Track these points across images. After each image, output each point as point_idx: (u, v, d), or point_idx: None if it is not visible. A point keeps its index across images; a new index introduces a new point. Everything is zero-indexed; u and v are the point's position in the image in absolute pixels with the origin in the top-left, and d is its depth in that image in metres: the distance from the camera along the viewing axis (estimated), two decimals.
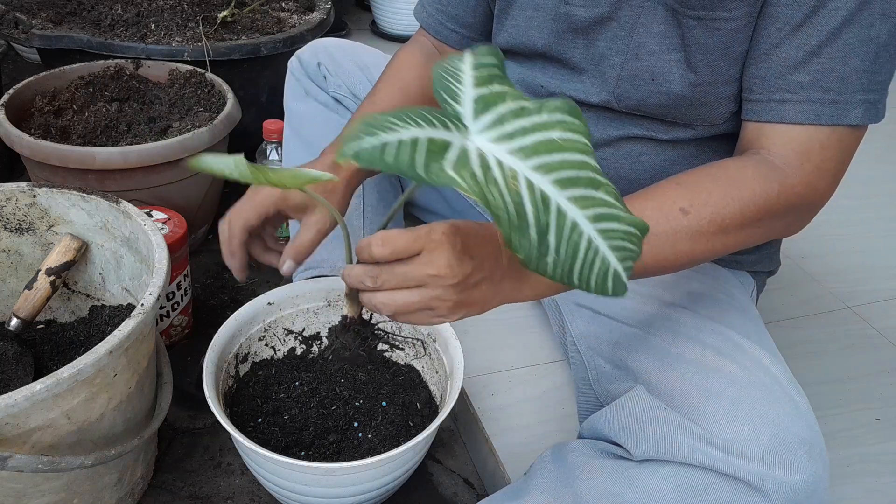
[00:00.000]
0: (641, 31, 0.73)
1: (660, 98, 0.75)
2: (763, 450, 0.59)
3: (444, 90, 0.48)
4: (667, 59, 0.73)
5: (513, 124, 0.48)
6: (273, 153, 1.23)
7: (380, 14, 2.29)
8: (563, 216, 0.46)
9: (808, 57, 0.67)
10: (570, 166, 0.48)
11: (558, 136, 0.49)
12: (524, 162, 0.46)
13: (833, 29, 0.65)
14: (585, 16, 0.76)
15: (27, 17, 1.36)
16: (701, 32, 0.70)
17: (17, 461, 0.64)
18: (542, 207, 0.45)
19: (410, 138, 0.44)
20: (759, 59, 0.70)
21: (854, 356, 1.11)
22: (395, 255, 0.56)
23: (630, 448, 0.67)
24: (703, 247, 0.66)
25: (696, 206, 0.65)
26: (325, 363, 0.91)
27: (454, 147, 0.45)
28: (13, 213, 0.92)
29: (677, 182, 0.67)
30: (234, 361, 0.86)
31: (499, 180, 0.45)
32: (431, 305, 0.58)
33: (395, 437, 0.83)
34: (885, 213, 1.53)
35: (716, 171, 0.68)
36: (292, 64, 1.11)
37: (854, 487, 0.89)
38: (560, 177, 0.47)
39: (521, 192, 0.45)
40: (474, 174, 0.44)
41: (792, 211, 0.69)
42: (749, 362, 0.68)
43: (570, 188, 0.47)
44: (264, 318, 0.90)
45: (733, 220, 0.66)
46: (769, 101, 0.69)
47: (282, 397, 0.87)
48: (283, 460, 0.70)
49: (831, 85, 0.66)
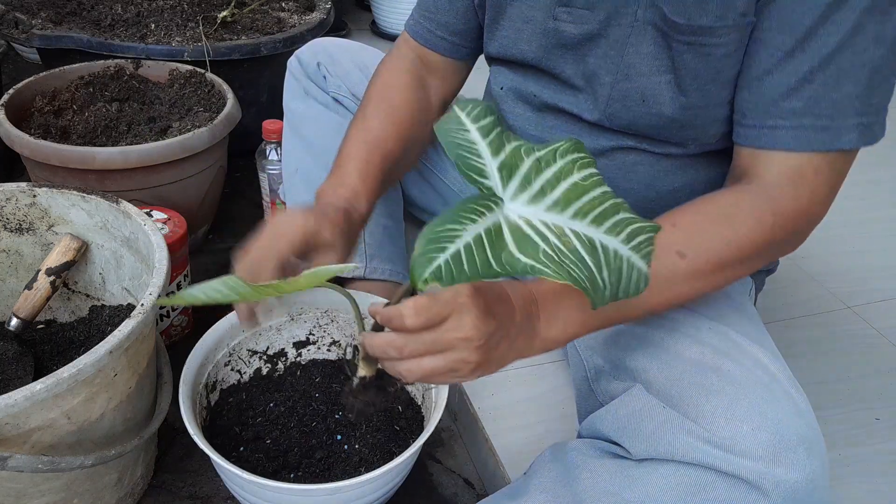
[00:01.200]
0: (631, 51, 0.73)
1: (651, 119, 0.75)
2: (762, 448, 0.59)
3: (470, 170, 0.51)
4: (657, 80, 0.73)
5: (539, 181, 0.51)
6: (273, 153, 1.23)
7: (380, 14, 2.29)
8: (606, 250, 0.50)
9: (800, 83, 0.66)
10: (597, 203, 0.51)
11: (578, 178, 0.52)
12: (562, 215, 0.50)
13: (826, 55, 0.65)
14: (574, 32, 0.76)
15: (27, 17, 1.36)
16: (691, 57, 0.70)
17: (17, 461, 0.64)
18: (591, 250, 0.49)
19: (473, 238, 0.46)
20: (751, 84, 0.69)
21: (854, 356, 1.11)
22: (427, 323, 0.57)
23: (629, 447, 0.67)
24: (702, 285, 0.68)
25: (692, 248, 0.66)
26: (294, 379, 0.91)
27: (503, 225, 0.48)
28: (13, 213, 0.92)
29: (672, 223, 0.68)
30: (204, 392, 0.83)
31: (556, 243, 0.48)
32: (456, 367, 0.59)
33: (385, 443, 0.83)
34: (885, 214, 1.53)
35: (710, 209, 0.69)
36: (292, 64, 1.11)
37: (854, 487, 0.89)
38: (594, 216, 0.51)
39: (575, 245, 0.49)
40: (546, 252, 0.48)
41: (788, 236, 0.70)
42: (748, 361, 0.68)
43: (603, 223, 0.51)
44: (228, 342, 0.87)
45: (730, 258, 0.67)
46: (762, 127, 0.69)
47: (259, 421, 0.85)
48: (288, 487, 0.69)
49: (824, 111, 0.66)
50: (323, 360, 0.94)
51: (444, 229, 0.46)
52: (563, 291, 0.66)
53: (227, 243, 1.33)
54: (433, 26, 0.92)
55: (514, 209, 0.50)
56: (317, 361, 0.93)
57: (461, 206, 0.48)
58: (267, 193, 1.27)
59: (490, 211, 0.49)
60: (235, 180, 1.51)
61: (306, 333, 0.93)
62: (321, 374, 0.92)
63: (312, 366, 0.93)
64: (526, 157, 0.52)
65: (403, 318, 0.57)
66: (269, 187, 1.25)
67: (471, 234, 0.46)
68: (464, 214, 0.47)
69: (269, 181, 1.25)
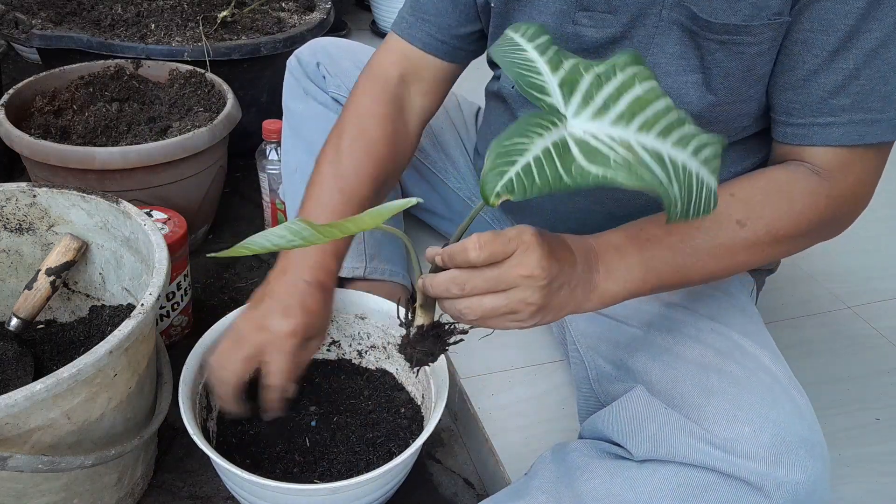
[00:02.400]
0: (656, 51, 0.72)
1: None
2: (764, 449, 0.59)
3: (531, 87, 0.49)
4: (684, 80, 0.73)
5: (601, 96, 0.49)
6: (273, 153, 1.23)
7: (380, 14, 2.28)
8: (675, 163, 0.48)
9: (847, 80, 0.67)
10: (662, 115, 0.50)
11: (640, 91, 0.50)
12: (628, 129, 0.48)
13: (870, 51, 0.65)
14: (596, 36, 0.74)
15: (27, 17, 1.36)
16: (723, 56, 0.70)
17: (17, 461, 0.64)
18: (661, 163, 0.47)
19: (542, 151, 0.45)
20: (796, 85, 0.70)
21: (854, 356, 1.11)
22: (492, 258, 0.56)
23: (630, 448, 0.67)
24: (759, 256, 0.69)
25: (751, 218, 0.68)
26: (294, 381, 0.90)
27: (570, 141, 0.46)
28: (13, 213, 0.92)
29: (731, 193, 0.69)
30: (204, 392, 0.83)
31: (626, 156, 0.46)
32: (516, 308, 0.58)
33: (385, 443, 0.83)
34: (886, 213, 1.53)
35: (766, 185, 0.70)
36: (291, 64, 1.11)
37: (854, 487, 0.89)
38: (660, 129, 0.49)
39: (644, 158, 0.47)
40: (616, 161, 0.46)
41: (837, 219, 0.72)
42: (749, 362, 0.68)
43: (669, 135, 0.49)
44: None
45: (787, 232, 0.68)
46: (812, 125, 0.70)
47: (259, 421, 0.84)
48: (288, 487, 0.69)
49: (873, 105, 0.67)
50: (323, 360, 0.94)
51: (513, 143, 0.44)
52: (623, 246, 0.66)
53: (227, 243, 1.33)
54: (433, 29, 0.87)
55: (578, 125, 0.48)
56: (317, 361, 0.93)
57: (526, 120, 0.46)
58: (267, 193, 1.27)
59: (555, 126, 0.47)
60: (235, 180, 1.50)
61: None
62: (321, 374, 0.92)
63: (312, 366, 0.93)
64: (585, 73, 0.51)
65: (468, 251, 0.55)
66: (269, 187, 1.25)
67: (539, 147, 0.45)
68: (530, 129, 0.46)
69: (269, 181, 1.25)
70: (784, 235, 0.69)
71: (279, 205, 1.26)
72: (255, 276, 1.24)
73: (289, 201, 1.09)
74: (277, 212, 1.28)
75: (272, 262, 0.80)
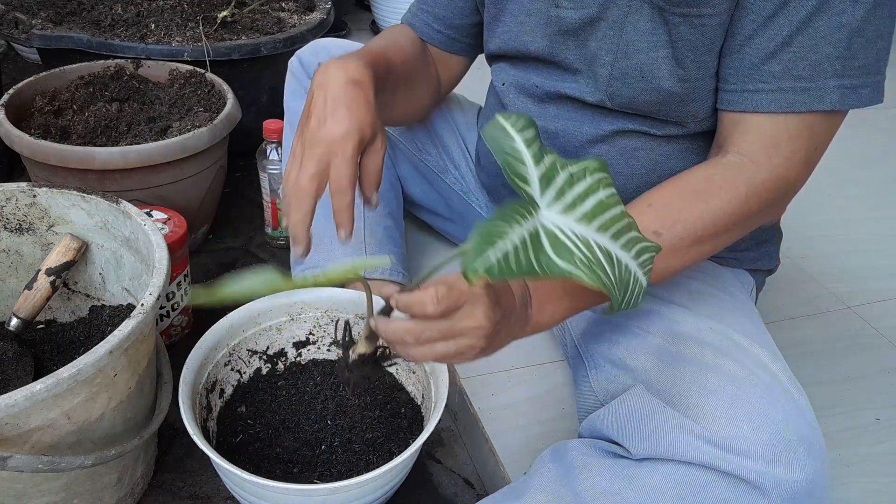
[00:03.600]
0: (629, 29, 0.74)
1: (650, 95, 0.76)
2: (763, 448, 0.59)
3: (516, 176, 0.55)
4: (655, 56, 0.74)
5: (571, 194, 0.56)
6: (273, 153, 1.23)
7: (380, 14, 2.29)
8: (620, 263, 0.55)
9: (779, 47, 0.68)
10: (616, 220, 0.56)
11: (604, 195, 0.57)
12: (588, 227, 0.55)
13: (803, 18, 0.66)
14: (575, 17, 0.77)
15: (27, 17, 1.36)
16: (687, 29, 0.71)
17: (17, 461, 0.64)
18: (609, 261, 0.54)
19: (520, 239, 0.50)
20: (733, 50, 0.71)
21: (854, 356, 1.11)
22: (445, 312, 0.59)
23: (629, 447, 0.67)
24: (681, 260, 0.70)
25: (667, 225, 0.68)
26: (294, 379, 0.91)
27: (541, 231, 0.52)
28: (13, 213, 0.92)
29: (648, 203, 0.71)
30: (204, 392, 0.83)
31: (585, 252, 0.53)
32: (463, 352, 0.62)
33: (385, 443, 0.83)
34: (885, 213, 1.53)
35: (684, 186, 0.71)
36: (293, 64, 1.11)
37: (854, 487, 0.89)
38: (613, 231, 0.56)
39: (598, 256, 0.53)
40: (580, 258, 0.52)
41: (764, 206, 0.71)
42: (748, 360, 0.68)
43: (620, 238, 0.56)
44: (228, 342, 0.86)
45: (706, 232, 0.69)
46: (742, 91, 0.71)
47: (259, 421, 0.85)
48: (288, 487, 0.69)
49: (803, 73, 0.67)
50: (323, 360, 0.94)
51: (496, 227, 0.50)
52: (550, 283, 0.69)
53: (227, 243, 1.33)
54: (430, 19, 0.93)
55: (549, 217, 0.54)
56: (317, 361, 0.93)
57: (507, 209, 0.52)
58: (267, 193, 1.27)
59: (530, 215, 0.53)
60: (235, 180, 1.51)
61: (306, 333, 0.93)
62: (321, 374, 0.92)
63: (312, 366, 0.93)
64: (561, 171, 0.57)
65: (426, 306, 0.58)
66: (269, 187, 1.25)
67: (517, 235, 0.50)
68: (511, 215, 0.51)
69: (269, 181, 1.25)
70: (704, 235, 0.69)
71: (279, 205, 1.26)
72: None
73: None
74: (277, 212, 1.28)
75: (272, 263, 0.80)
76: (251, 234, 1.35)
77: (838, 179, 1.58)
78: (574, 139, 0.84)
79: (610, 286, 0.52)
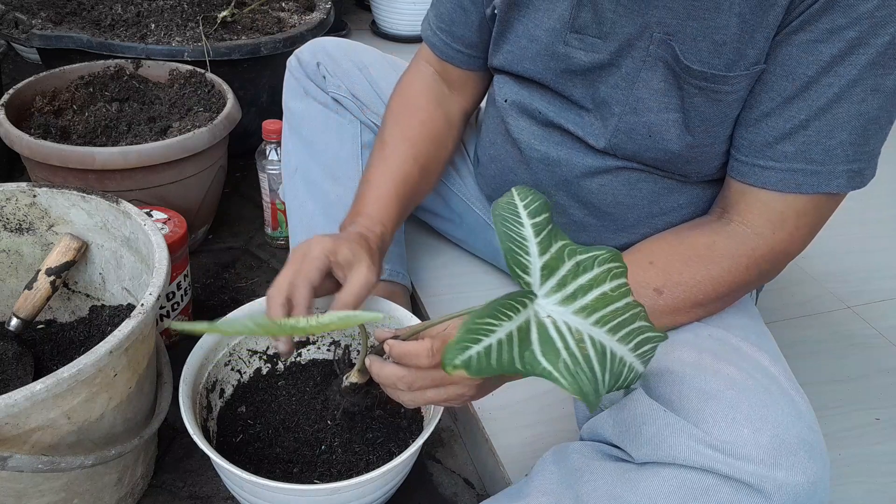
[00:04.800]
0: (641, 85, 0.73)
1: (656, 153, 0.77)
2: (763, 451, 0.59)
3: (516, 265, 0.55)
4: (665, 118, 0.73)
5: (573, 285, 0.55)
6: (273, 153, 1.23)
7: (380, 14, 2.28)
8: (614, 357, 0.54)
9: (795, 129, 0.67)
10: (619, 313, 0.56)
11: (609, 287, 0.56)
12: (586, 321, 0.54)
13: (823, 104, 0.65)
14: (585, 60, 0.76)
15: (27, 17, 1.36)
16: (701, 101, 0.71)
17: (17, 461, 0.64)
18: (601, 357, 0.53)
19: (506, 335, 0.50)
20: (749, 123, 0.71)
21: (854, 356, 1.11)
22: (437, 363, 0.62)
23: (630, 451, 0.67)
24: (684, 318, 0.72)
25: (668, 286, 0.70)
26: (294, 379, 0.91)
27: (532, 322, 0.52)
28: (13, 213, 0.92)
29: (650, 261, 0.72)
30: (204, 392, 0.83)
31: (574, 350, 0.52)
32: (452, 399, 0.65)
33: (385, 443, 0.83)
34: (886, 214, 1.53)
35: (686, 251, 0.72)
36: (291, 63, 1.11)
37: (854, 487, 0.89)
38: (613, 324, 0.55)
39: (589, 352, 0.53)
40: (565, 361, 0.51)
41: (763, 275, 0.73)
42: (748, 364, 0.67)
43: (619, 331, 0.55)
44: (228, 342, 0.86)
45: (706, 297, 0.71)
46: (753, 165, 0.71)
47: (259, 421, 0.85)
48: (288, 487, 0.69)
49: (815, 157, 0.67)
50: (323, 360, 0.94)
51: (484, 322, 0.50)
52: None
53: (227, 243, 1.33)
54: (449, 39, 0.91)
55: (544, 305, 0.54)
56: (317, 361, 0.93)
57: (502, 301, 0.52)
58: (267, 193, 1.27)
59: (524, 307, 0.52)
60: (235, 180, 1.51)
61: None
62: (321, 374, 0.92)
63: (312, 366, 0.93)
64: (567, 260, 0.56)
65: (420, 358, 0.62)
66: (269, 187, 1.25)
67: (504, 331, 0.50)
68: (502, 311, 0.51)
69: (269, 181, 1.25)
70: (704, 299, 0.71)
71: (279, 205, 1.26)
72: (254, 276, 1.24)
73: (289, 201, 1.09)
74: (277, 212, 1.28)
75: (272, 263, 0.80)
76: (251, 234, 1.36)
77: None
78: (575, 169, 0.83)
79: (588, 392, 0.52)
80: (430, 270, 1.19)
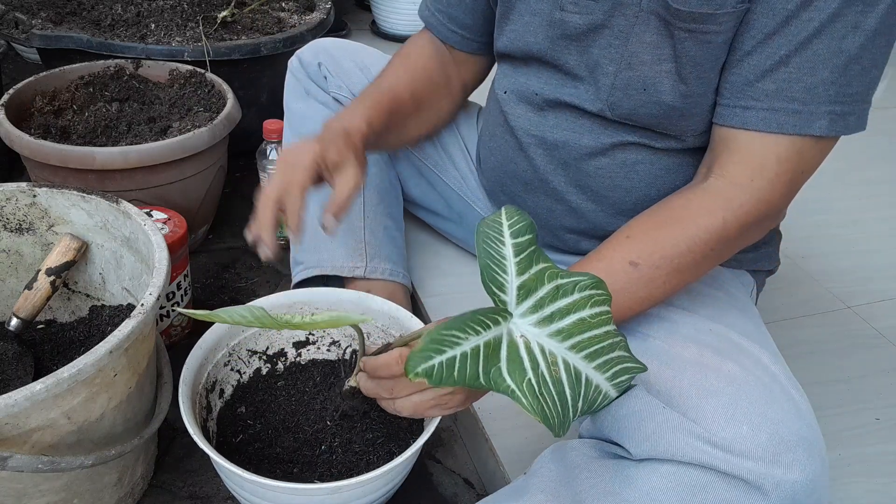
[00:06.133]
0: (634, 40, 0.74)
1: (651, 108, 0.76)
2: (762, 448, 0.59)
3: (492, 282, 0.55)
4: (658, 69, 0.74)
5: (551, 308, 0.55)
6: (273, 153, 1.23)
7: (380, 14, 2.29)
8: (588, 383, 0.54)
9: (776, 66, 0.67)
10: (597, 340, 0.55)
11: (588, 314, 0.56)
12: (561, 344, 0.54)
13: (803, 39, 0.65)
14: (580, 22, 0.77)
15: (27, 17, 1.36)
16: (692, 45, 0.71)
17: (17, 461, 0.64)
18: (575, 382, 0.53)
19: (471, 348, 0.50)
20: (731, 65, 0.71)
21: (854, 356, 1.11)
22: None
23: (629, 447, 0.67)
24: (661, 290, 0.70)
25: (643, 255, 0.69)
26: (294, 379, 0.91)
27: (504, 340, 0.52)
28: (13, 213, 0.92)
29: (626, 235, 0.71)
30: (204, 392, 0.83)
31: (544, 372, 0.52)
32: (442, 402, 0.66)
33: (385, 443, 0.83)
34: (886, 214, 1.53)
35: (660, 213, 0.72)
36: (292, 64, 1.11)
37: (854, 487, 0.89)
38: (589, 351, 0.55)
39: (562, 376, 0.53)
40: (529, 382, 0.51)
41: (744, 230, 0.71)
42: (748, 361, 0.68)
43: (595, 359, 0.55)
44: (228, 342, 0.86)
45: (683, 260, 0.69)
46: (735, 106, 0.70)
47: (259, 421, 0.85)
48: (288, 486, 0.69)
49: (796, 95, 0.67)
50: (323, 360, 0.94)
51: (449, 334, 0.50)
52: None
53: (227, 243, 1.33)
54: (444, 18, 0.94)
55: (520, 325, 0.53)
56: (317, 361, 0.93)
57: (471, 315, 0.51)
58: None
59: (496, 324, 0.52)
60: (235, 180, 1.51)
61: (306, 333, 0.93)
62: (321, 374, 0.92)
63: (312, 366, 0.93)
64: (548, 282, 0.56)
65: (391, 367, 0.64)
66: None
67: (470, 344, 0.50)
68: (470, 325, 0.51)
69: (269, 181, 1.25)
70: (682, 264, 0.69)
71: None
72: (254, 276, 1.24)
73: None
74: None
75: (272, 262, 0.81)
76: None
77: (839, 180, 1.59)
78: (574, 151, 0.84)
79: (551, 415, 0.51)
80: (430, 270, 1.19)
